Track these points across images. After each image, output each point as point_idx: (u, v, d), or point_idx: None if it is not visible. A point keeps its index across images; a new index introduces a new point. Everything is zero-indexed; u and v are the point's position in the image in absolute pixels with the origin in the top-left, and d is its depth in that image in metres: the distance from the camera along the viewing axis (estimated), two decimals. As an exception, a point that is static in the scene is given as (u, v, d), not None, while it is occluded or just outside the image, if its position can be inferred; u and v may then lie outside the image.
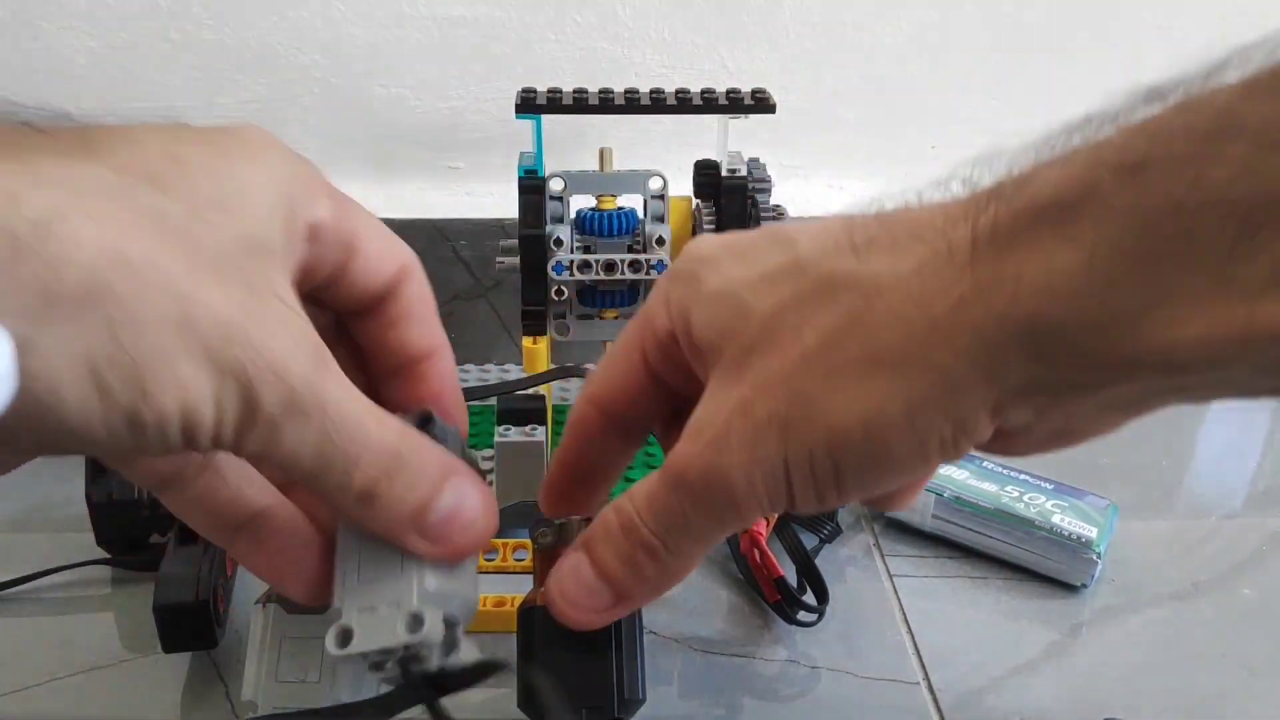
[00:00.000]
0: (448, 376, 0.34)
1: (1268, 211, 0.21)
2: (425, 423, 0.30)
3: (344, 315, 0.32)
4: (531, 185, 0.53)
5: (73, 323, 0.22)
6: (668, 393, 0.32)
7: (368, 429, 0.27)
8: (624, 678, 0.34)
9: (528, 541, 0.38)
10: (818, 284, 0.27)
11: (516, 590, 0.43)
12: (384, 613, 0.28)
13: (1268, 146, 0.21)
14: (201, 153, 0.26)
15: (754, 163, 0.56)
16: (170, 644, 0.42)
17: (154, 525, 0.48)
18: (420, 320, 0.33)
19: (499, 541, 0.44)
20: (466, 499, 0.29)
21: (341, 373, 0.27)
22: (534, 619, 0.35)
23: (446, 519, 0.28)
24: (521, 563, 0.42)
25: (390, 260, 0.31)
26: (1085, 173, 0.23)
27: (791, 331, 0.27)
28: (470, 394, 0.63)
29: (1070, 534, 0.49)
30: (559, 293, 0.53)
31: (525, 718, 0.35)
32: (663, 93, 0.53)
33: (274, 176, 0.27)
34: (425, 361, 0.33)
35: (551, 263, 0.52)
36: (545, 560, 0.36)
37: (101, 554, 0.50)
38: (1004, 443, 0.28)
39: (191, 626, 0.42)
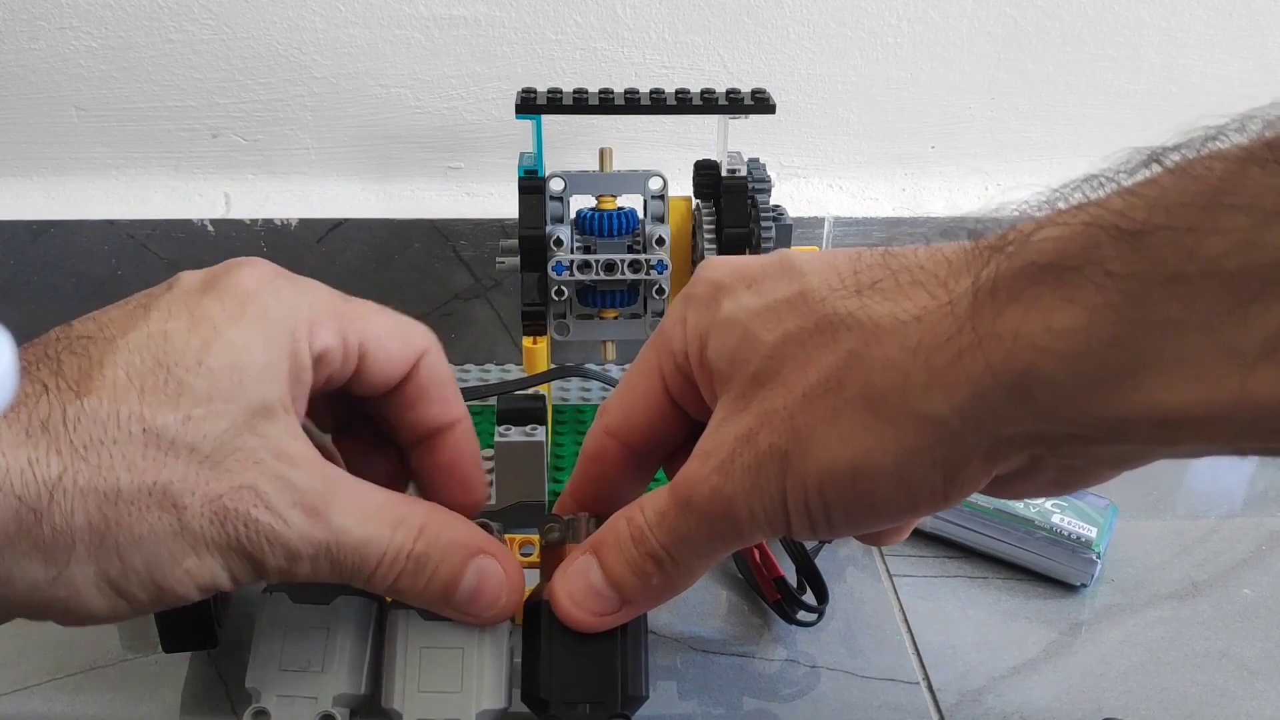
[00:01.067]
0: (466, 446, 0.37)
1: (1264, 283, 0.21)
2: None
3: (364, 403, 0.35)
4: (531, 185, 0.53)
5: (87, 556, 0.27)
6: (682, 418, 0.33)
7: (379, 544, 0.31)
8: (628, 674, 0.34)
9: (533, 537, 0.38)
10: (821, 322, 0.28)
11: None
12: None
13: (1265, 220, 0.21)
14: (188, 340, 0.29)
15: (754, 163, 0.56)
16: (171, 644, 0.42)
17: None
18: (438, 399, 0.36)
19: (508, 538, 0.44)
20: (489, 576, 0.33)
21: (342, 488, 0.31)
22: (540, 614, 0.35)
23: (471, 596, 0.32)
24: (528, 558, 0.42)
25: (403, 353, 0.35)
26: (1085, 235, 0.24)
27: (796, 367, 0.28)
28: (470, 394, 0.63)
29: (1070, 534, 0.49)
30: (559, 293, 0.53)
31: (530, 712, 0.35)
32: (663, 93, 0.53)
33: (268, 327, 0.30)
34: (445, 433, 0.36)
35: (551, 263, 0.52)
36: (552, 556, 0.36)
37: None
38: (998, 488, 0.28)
39: (192, 626, 0.42)
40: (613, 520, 0.33)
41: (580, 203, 0.56)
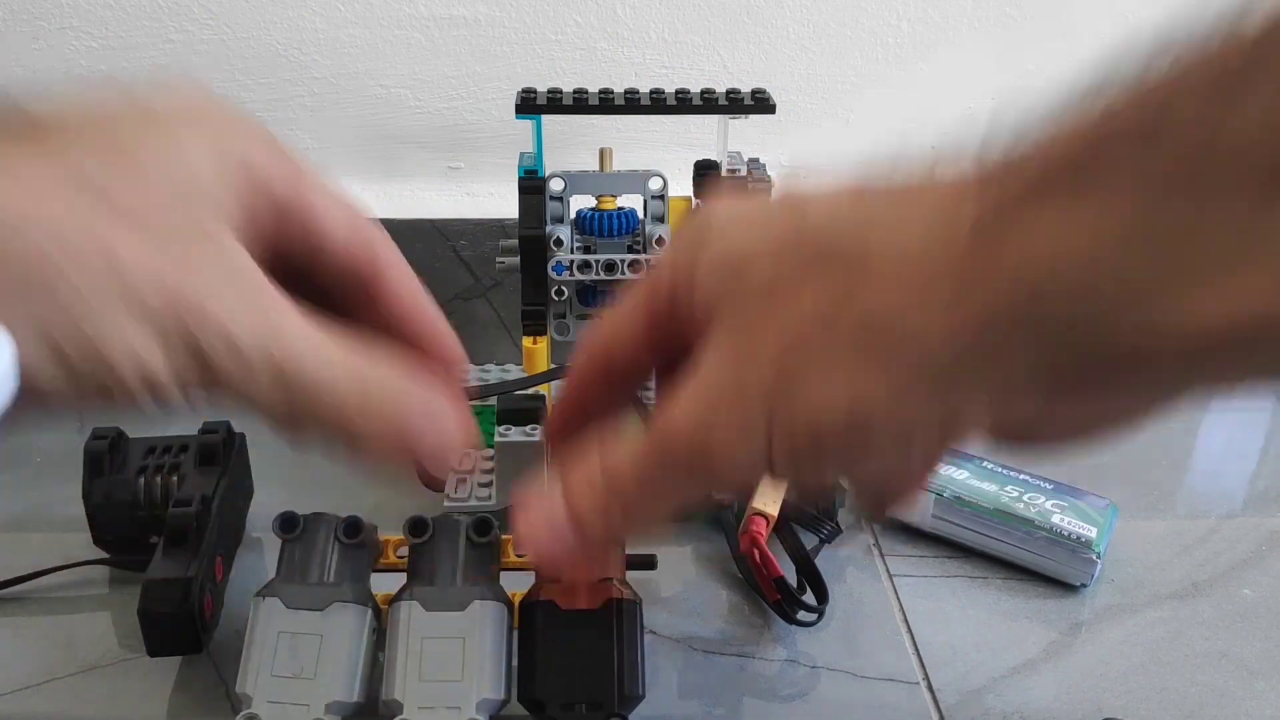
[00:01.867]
0: (430, 312, 0.33)
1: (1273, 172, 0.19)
2: (289, 522, 0.36)
3: (327, 303, 0.32)
4: (531, 185, 0.53)
5: (24, 292, 0.23)
6: (666, 350, 0.31)
7: (332, 376, 0.27)
8: (624, 673, 0.34)
9: None
10: (818, 255, 0.26)
11: (518, 586, 0.42)
12: (443, 716, 0.33)
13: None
14: (136, 124, 0.27)
15: (754, 163, 0.56)
16: (155, 648, 0.42)
17: (151, 526, 0.48)
18: (410, 301, 0.33)
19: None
20: (436, 407, 0.29)
21: (292, 314, 0.27)
22: (536, 613, 0.35)
23: (423, 434, 0.29)
24: (523, 558, 0.42)
25: (354, 228, 0.31)
26: (1091, 144, 0.22)
27: (788, 304, 0.26)
28: (470, 394, 0.63)
29: (1070, 534, 0.49)
30: (559, 293, 0.53)
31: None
32: (663, 93, 0.53)
33: (208, 131, 0.28)
34: (391, 296, 0.33)
35: (551, 263, 0.52)
36: None
37: (99, 554, 0.50)
38: (1012, 439, 0.27)
39: (176, 632, 0.42)
40: (584, 457, 0.31)
41: (580, 203, 0.56)
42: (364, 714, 0.37)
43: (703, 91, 0.53)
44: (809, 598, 0.47)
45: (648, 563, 0.45)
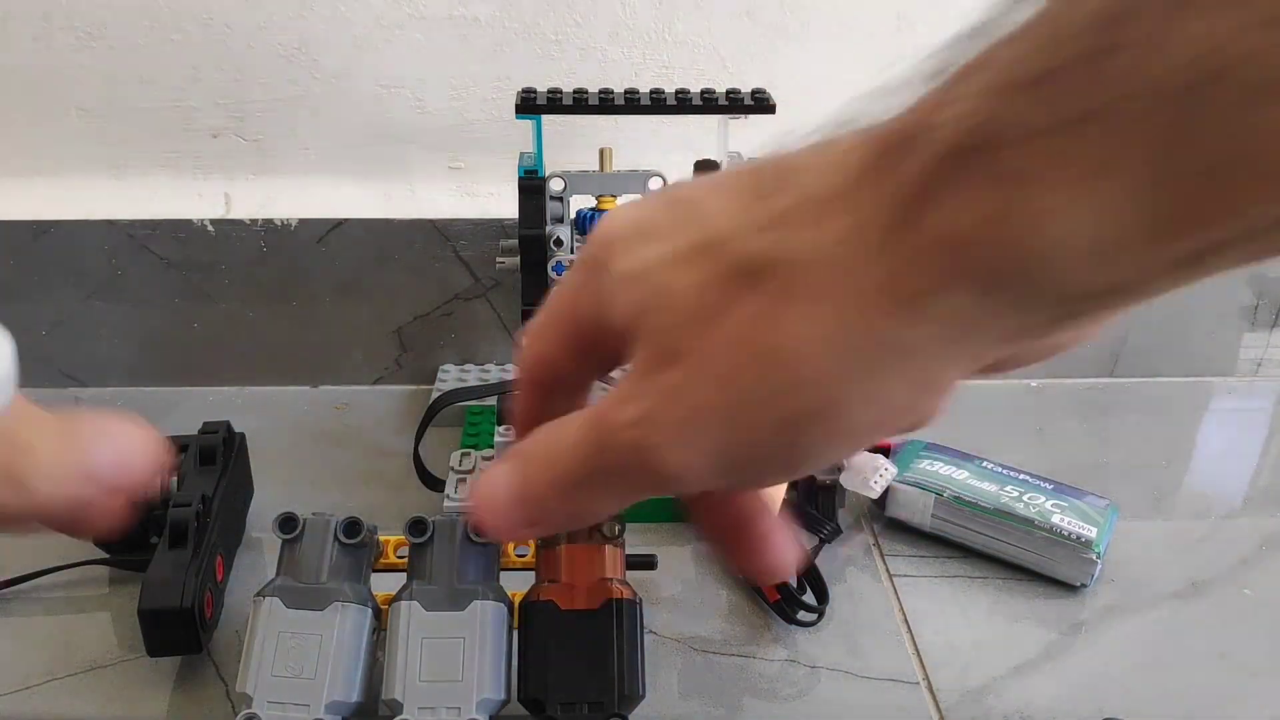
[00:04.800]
0: None
1: (1199, 85, 0.19)
2: (289, 523, 0.36)
3: None
4: (532, 185, 0.53)
5: None
6: (598, 360, 0.31)
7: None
8: (624, 674, 0.34)
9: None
10: (737, 266, 0.26)
11: (518, 586, 0.42)
12: (443, 716, 0.33)
13: (1173, 7, 0.18)
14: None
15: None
16: (154, 648, 0.42)
17: (151, 526, 0.48)
18: None
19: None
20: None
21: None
22: (536, 614, 0.35)
23: None
24: (522, 559, 0.42)
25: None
26: (986, 102, 0.21)
27: (719, 316, 0.26)
28: (470, 394, 0.63)
29: (1070, 534, 0.49)
30: (559, 293, 0.53)
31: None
32: (663, 93, 0.53)
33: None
34: None
35: (551, 263, 0.52)
36: (547, 555, 0.36)
37: (99, 554, 0.50)
38: (984, 373, 0.26)
39: (176, 631, 0.42)
40: (538, 433, 0.30)
41: (580, 203, 0.56)
42: (364, 714, 0.37)
43: (703, 92, 0.53)
44: (809, 598, 0.47)
45: (648, 563, 0.45)
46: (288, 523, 0.36)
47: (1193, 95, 0.19)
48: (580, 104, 0.52)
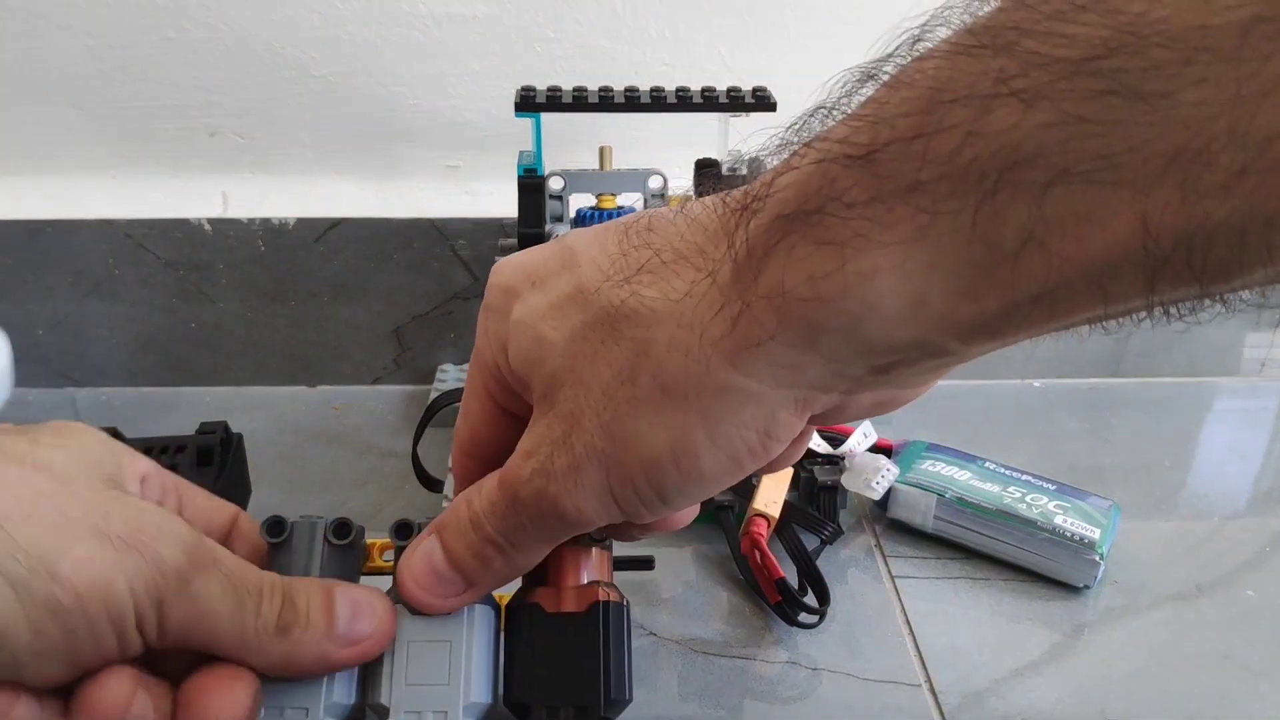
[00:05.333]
0: None
1: (1000, 171, 0.21)
2: (276, 527, 0.34)
3: None
4: (531, 184, 0.53)
5: None
6: (521, 413, 0.33)
7: (253, 570, 0.31)
8: (611, 677, 0.34)
9: None
10: (600, 315, 0.28)
11: (506, 589, 0.42)
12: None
13: (983, 107, 0.21)
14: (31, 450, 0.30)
15: (755, 162, 0.55)
16: None
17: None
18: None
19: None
20: (356, 596, 0.33)
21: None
22: (522, 617, 0.35)
23: (351, 621, 0.32)
24: None
25: (220, 506, 0.36)
26: (819, 173, 0.24)
27: (587, 364, 0.28)
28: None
29: (1073, 535, 0.49)
30: (558, 292, 0.53)
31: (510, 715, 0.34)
32: (663, 91, 0.53)
33: (90, 442, 0.32)
34: None
35: (551, 262, 0.52)
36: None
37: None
38: (820, 421, 0.29)
39: None
40: (455, 502, 0.33)
41: (580, 201, 0.55)
42: (353, 717, 0.36)
43: (703, 89, 0.53)
44: (810, 599, 0.47)
45: (645, 563, 0.44)
46: (275, 527, 0.35)
47: (997, 178, 0.21)
48: (580, 102, 0.52)
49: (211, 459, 0.50)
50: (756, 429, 0.27)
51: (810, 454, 0.52)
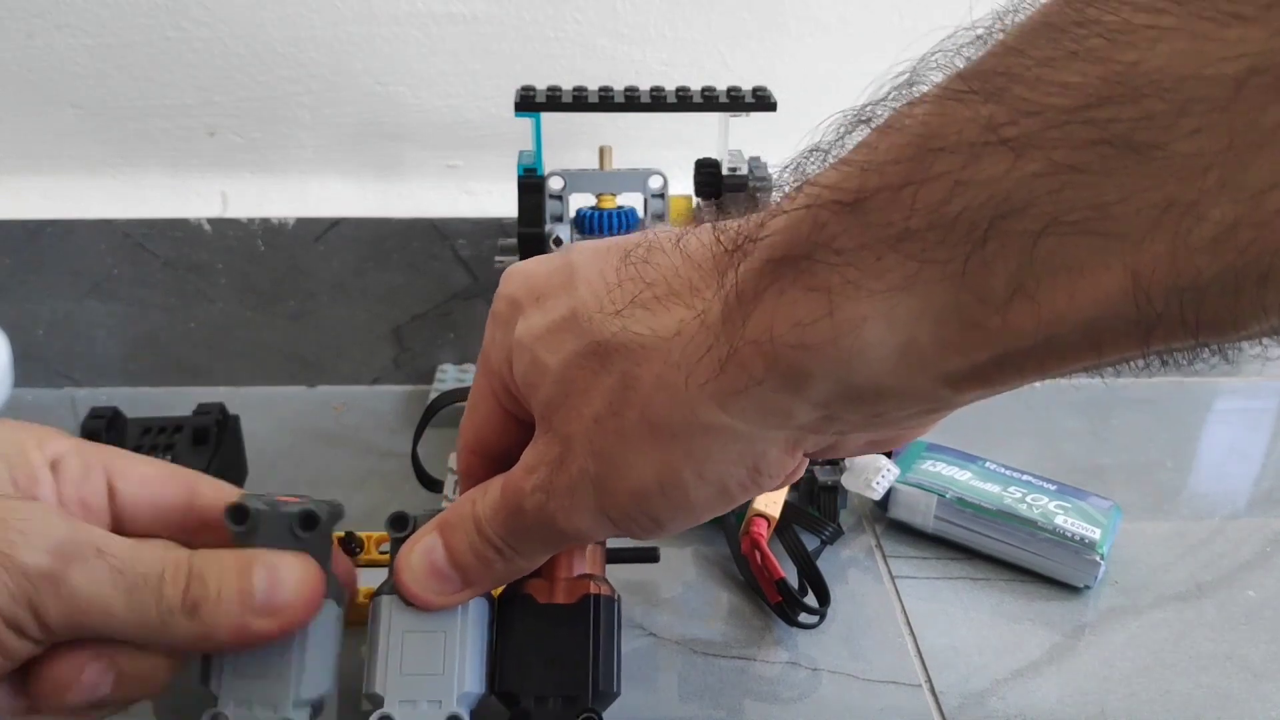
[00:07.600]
0: None
1: (990, 221, 0.20)
2: (239, 513, 0.33)
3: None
4: (531, 184, 0.53)
5: None
6: (525, 425, 0.33)
7: (153, 551, 0.30)
8: (599, 669, 0.34)
9: None
10: (592, 345, 0.28)
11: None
12: (425, 709, 0.33)
13: (972, 155, 0.21)
14: None
15: (755, 161, 0.55)
16: None
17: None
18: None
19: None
20: (275, 564, 0.32)
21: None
22: (514, 607, 0.35)
23: (270, 592, 0.31)
24: None
25: (171, 475, 0.35)
26: (809, 219, 0.24)
27: (580, 392, 0.29)
28: (469, 394, 0.62)
29: (1073, 535, 0.49)
30: (558, 292, 0.53)
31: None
32: (663, 91, 0.53)
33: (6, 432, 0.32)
34: None
35: (551, 262, 0.52)
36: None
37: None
38: (815, 456, 0.29)
39: None
40: (460, 502, 0.33)
41: (580, 201, 0.55)
42: (337, 706, 0.36)
43: (703, 89, 0.53)
44: (810, 600, 0.47)
45: (649, 555, 0.44)
46: (238, 512, 0.34)
47: (987, 228, 0.21)
48: (580, 102, 0.52)
49: (207, 439, 0.50)
50: (746, 466, 0.27)
51: (810, 454, 0.52)
